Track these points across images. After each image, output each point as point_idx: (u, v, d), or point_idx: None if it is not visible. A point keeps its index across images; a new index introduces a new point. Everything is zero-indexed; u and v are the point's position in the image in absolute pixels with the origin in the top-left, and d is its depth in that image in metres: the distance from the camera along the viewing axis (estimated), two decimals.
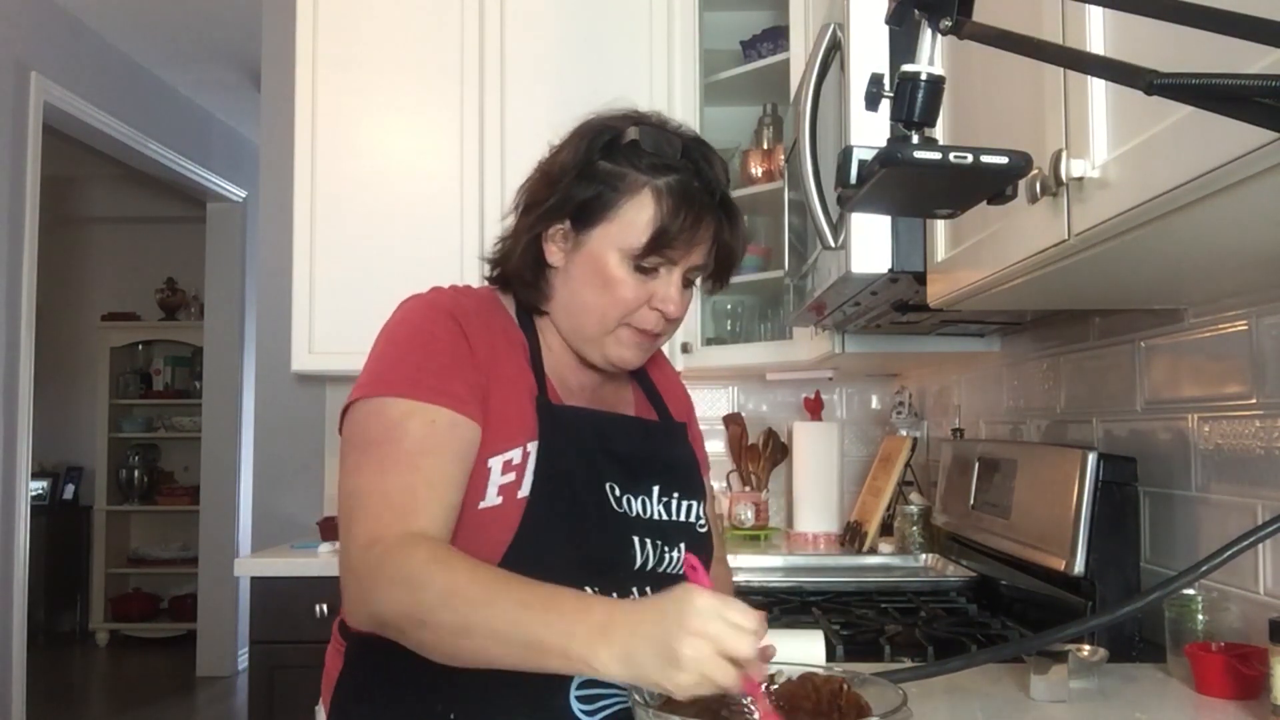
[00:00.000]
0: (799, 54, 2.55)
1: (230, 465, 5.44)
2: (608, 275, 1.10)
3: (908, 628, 1.67)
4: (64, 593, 6.15)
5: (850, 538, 2.73)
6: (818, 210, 1.51)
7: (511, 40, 2.92)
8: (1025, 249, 1.09)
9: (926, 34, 0.76)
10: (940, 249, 1.43)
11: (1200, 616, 1.29)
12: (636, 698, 0.87)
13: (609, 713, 1.09)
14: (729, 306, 3.06)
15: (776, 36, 2.89)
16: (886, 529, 2.64)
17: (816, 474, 2.88)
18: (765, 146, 2.92)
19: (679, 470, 1.22)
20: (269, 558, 2.66)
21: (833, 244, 1.51)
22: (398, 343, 1.09)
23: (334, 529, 2.78)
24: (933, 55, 0.76)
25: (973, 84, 1.29)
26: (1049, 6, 1.00)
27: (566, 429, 1.12)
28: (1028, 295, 1.38)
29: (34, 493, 4.17)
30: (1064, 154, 0.95)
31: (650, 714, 0.86)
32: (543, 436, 1.09)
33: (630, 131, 1.11)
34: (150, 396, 6.42)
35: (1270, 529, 0.91)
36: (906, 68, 0.76)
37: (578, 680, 1.07)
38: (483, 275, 1.23)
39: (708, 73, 2.97)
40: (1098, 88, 0.93)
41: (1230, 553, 0.91)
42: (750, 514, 2.94)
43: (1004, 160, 0.73)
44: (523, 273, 1.16)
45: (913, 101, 0.75)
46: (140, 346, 6.48)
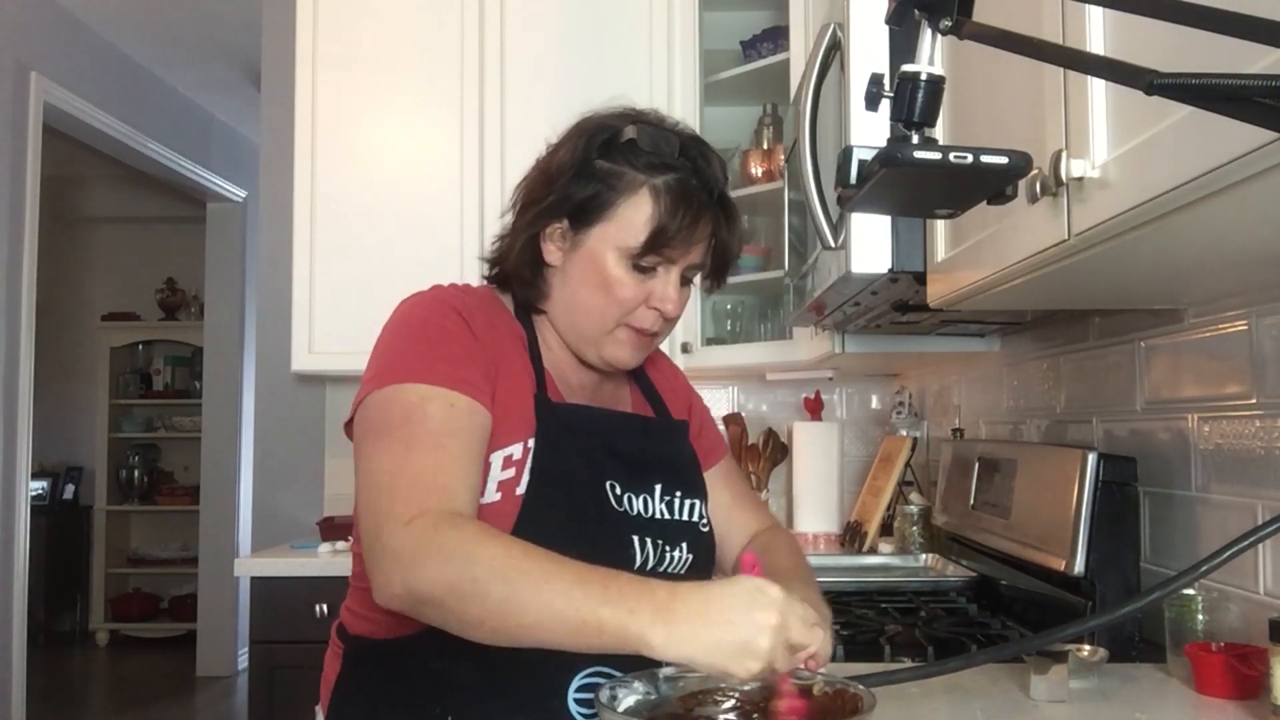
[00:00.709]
0: (799, 54, 2.55)
1: (230, 465, 5.44)
2: (606, 275, 1.09)
3: (908, 628, 1.67)
4: (64, 593, 6.14)
5: (850, 538, 2.73)
6: (818, 210, 1.51)
7: (511, 40, 2.92)
8: (1025, 249, 1.09)
9: (926, 34, 0.76)
10: (940, 249, 1.43)
11: (1200, 616, 1.29)
12: (600, 698, 0.88)
13: None
14: (729, 306, 3.06)
15: (776, 36, 2.89)
16: (886, 529, 2.64)
17: (816, 474, 2.87)
18: (765, 146, 2.92)
19: (681, 469, 1.22)
20: (269, 558, 2.66)
21: (833, 244, 1.51)
22: (405, 335, 1.08)
23: (334, 529, 2.79)
24: (933, 55, 0.76)
25: (973, 84, 1.29)
26: (1049, 6, 1.00)
27: (566, 426, 1.11)
28: (1028, 295, 1.38)
29: (34, 493, 4.17)
30: (1064, 154, 0.95)
31: (615, 717, 0.86)
32: (541, 433, 1.09)
33: (628, 130, 1.10)
34: (150, 396, 6.42)
35: (1270, 529, 0.91)
36: (906, 68, 0.76)
37: (576, 682, 1.06)
38: (482, 275, 1.23)
39: (708, 73, 2.97)
40: (1098, 88, 0.93)
41: (1230, 553, 0.90)
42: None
43: (1004, 160, 0.73)
44: (520, 271, 1.16)
45: (913, 101, 0.75)
46: (140, 346, 6.48)
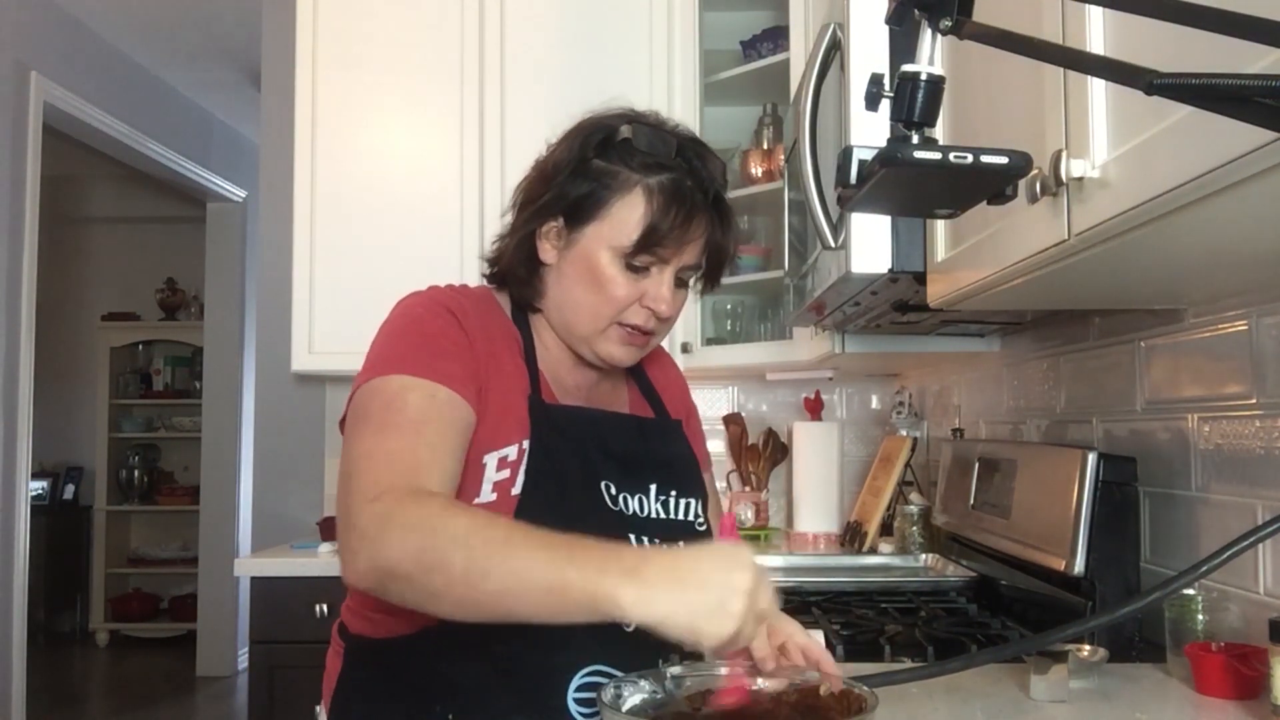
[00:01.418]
0: (799, 54, 2.55)
1: (230, 465, 5.44)
2: (599, 273, 1.10)
3: (908, 628, 1.67)
4: (64, 593, 6.14)
5: (850, 538, 2.73)
6: (818, 210, 1.51)
7: (511, 40, 2.92)
8: (1025, 249, 1.09)
9: (926, 34, 0.76)
10: (940, 249, 1.43)
11: (1200, 616, 1.29)
12: (603, 697, 0.87)
13: None
14: (729, 306, 3.06)
15: (776, 36, 2.89)
16: (886, 529, 2.64)
17: (816, 474, 2.87)
18: (765, 146, 2.92)
19: (677, 468, 1.22)
20: (269, 558, 2.66)
21: (833, 244, 1.51)
22: (396, 333, 1.10)
23: (334, 529, 2.79)
24: (933, 55, 0.76)
25: (973, 84, 1.29)
26: (1049, 6, 1.00)
27: (560, 427, 1.12)
28: (1028, 295, 1.38)
29: (34, 493, 4.17)
30: (1064, 154, 0.95)
31: (618, 716, 0.86)
32: (535, 434, 1.09)
33: (624, 130, 1.11)
34: (150, 396, 6.42)
35: (1270, 529, 0.91)
36: (906, 68, 0.76)
37: (576, 681, 1.06)
38: (481, 274, 1.24)
39: (708, 73, 2.97)
40: (1098, 88, 0.93)
41: (1230, 553, 0.90)
42: (750, 514, 2.94)
43: (1004, 160, 0.73)
44: (516, 270, 1.16)
45: (913, 101, 0.75)
46: (140, 346, 6.48)
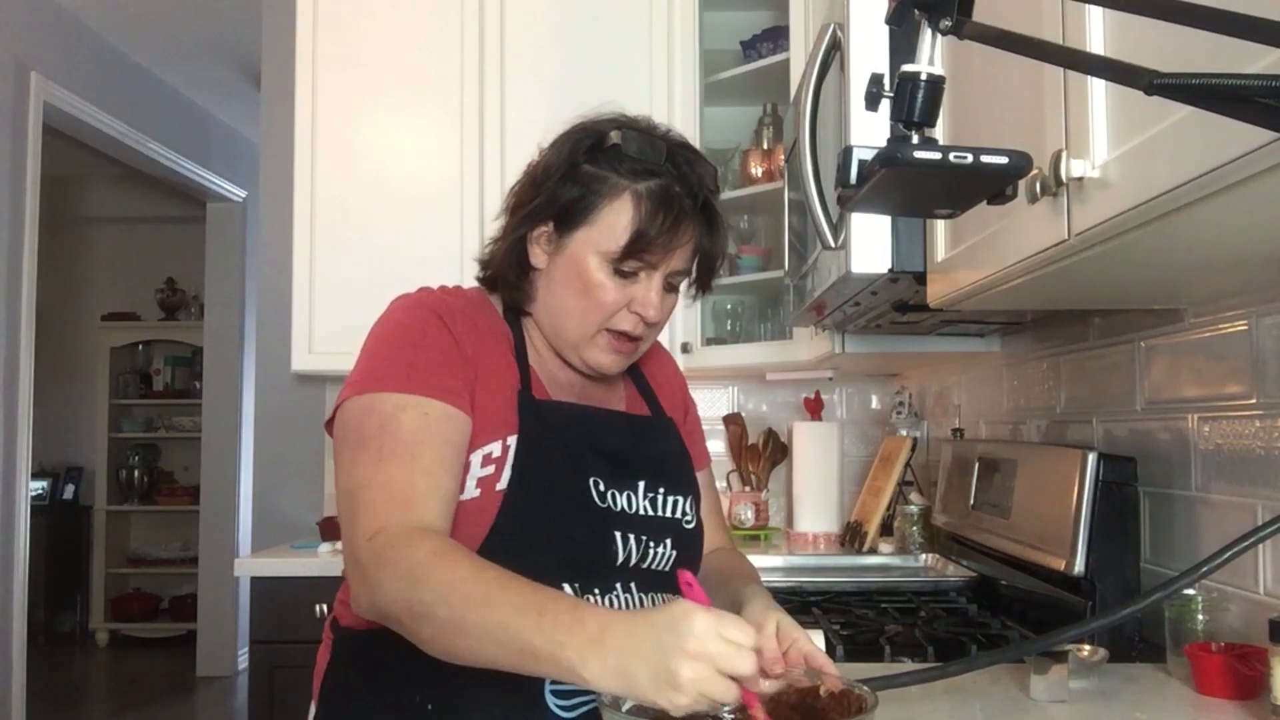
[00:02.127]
0: (799, 54, 2.55)
1: (230, 465, 5.44)
2: (587, 278, 1.10)
3: (908, 628, 1.67)
4: (64, 593, 6.14)
5: (850, 538, 2.73)
6: (818, 210, 1.51)
7: (511, 40, 2.92)
8: (1025, 249, 1.09)
9: (926, 34, 0.76)
10: (940, 249, 1.43)
11: (1200, 616, 1.29)
12: (604, 698, 0.87)
13: (586, 709, 1.09)
14: (729, 306, 3.06)
15: (776, 36, 2.89)
16: (886, 529, 2.64)
17: (816, 474, 2.87)
18: (765, 146, 2.92)
19: (666, 465, 1.22)
20: (269, 558, 2.66)
21: (833, 244, 1.51)
22: (386, 340, 1.10)
23: (334, 529, 2.79)
24: (933, 55, 0.76)
25: (973, 84, 1.29)
26: (1049, 6, 1.00)
27: (549, 423, 1.12)
28: (1028, 295, 1.38)
29: (34, 493, 4.17)
30: (1064, 154, 0.95)
31: (618, 716, 0.86)
32: (523, 430, 1.10)
33: (613, 135, 1.11)
34: (150, 396, 6.42)
35: (1270, 529, 0.91)
36: (906, 68, 0.76)
37: None
38: (475, 276, 1.24)
39: (708, 73, 2.97)
40: (1098, 88, 0.93)
41: (1230, 553, 0.90)
42: (750, 514, 2.94)
43: (1004, 160, 0.73)
44: (506, 274, 1.17)
45: (913, 101, 0.75)
46: (140, 346, 6.48)
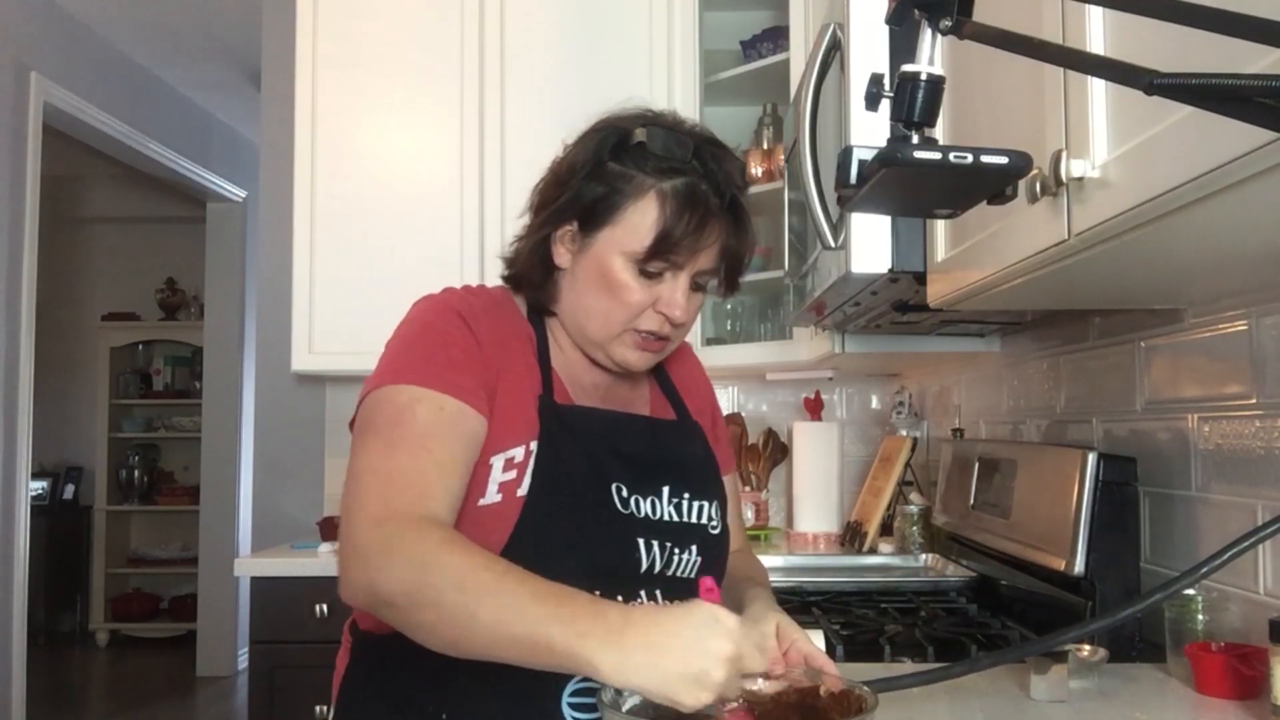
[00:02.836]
0: (799, 54, 2.55)
1: (230, 465, 5.44)
2: (612, 279, 1.09)
3: (908, 628, 1.67)
4: (64, 593, 6.14)
5: (850, 538, 2.73)
6: (818, 210, 1.51)
7: (511, 40, 2.92)
8: (1025, 249, 1.09)
9: (926, 34, 0.76)
10: (940, 249, 1.43)
11: (1200, 616, 1.29)
12: (604, 698, 0.87)
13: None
14: (729, 306, 3.06)
15: (776, 36, 2.89)
16: (886, 529, 2.64)
17: (816, 474, 2.87)
18: (765, 146, 2.92)
19: (691, 471, 1.20)
20: (269, 558, 2.66)
21: (833, 244, 1.51)
22: (408, 339, 1.10)
23: (334, 529, 2.78)
24: (933, 55, 0.76)
25: (973, 84, 1.29)
26: (1049, 6, 1.00)
27: (570, 428, 1.11)
28: (1028, 295, 1.38)
29: (34, 493, 4.17)
30: (1064, 154, 0.95)
31: (618, 716, 0.86)
32: (544, 435, 1.08)
33: (638, 133, 1.10)
34: (150, 396, 6.42)
35: (1270, 529, 0.91)
36: (906, 68, 0.76)
37: (572, 686, 1.06)
38: (499, 274, 1.23)
39: (708, 73, 2.97)
40: (1098, 88, 0.93)
41: (1230, 553, 0.90)
42: (750, 514, 2.94)
43: (1004, 160, 0.73)
44: (530, 274, 1.16)
45: (913, 101, 0.75)
46: (140, 346, 6.48)
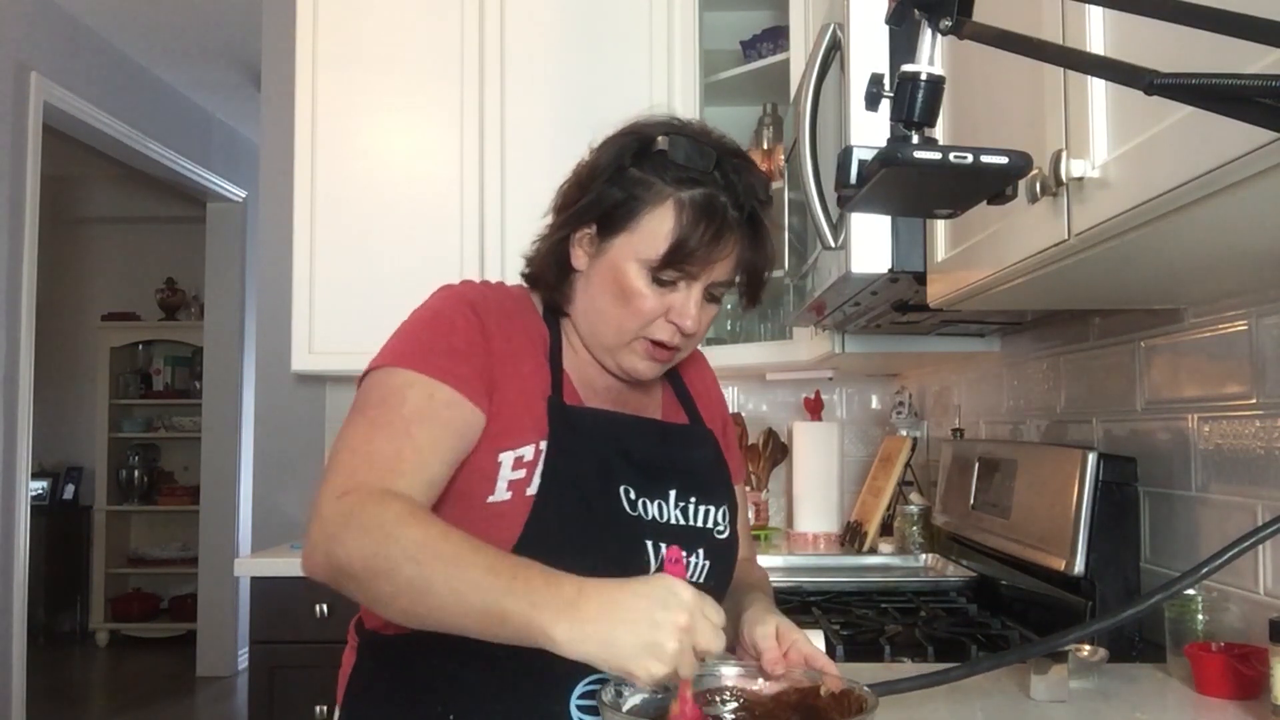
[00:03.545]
0: (799, 54, 2.55)
1: (230, 465, 5.44)
2: (626, 285, 1.09)
3: (908, 628, 1.67)
4: (64, 593, 6.14)
5: (850, 538, 2.73)
6: (818, 210, 1.51)
7: (511, 40, 2.92)
8: (1025, 249, 1.09)
9: (926, 34, 0.76)
10: (940, 249, 1.43)
11: (1200, 616, 1.29)
12: (604, 698, 0.87)
13: None
14: (729, 306, 3.04)
15: (776, 36, 2.89)
16: (886, 529, 2.64)
17: (816, 474, 2.87)
18: (765, 146, 2.92)
19: (699, 475, 1.20)
20: (269, 558, 2.66)
21: (833, 244, 1.51)
22: (415, 323, 1.10)
23: None
24: (933, 55, 0.76)
25: (973, 84, 1.29)
26: (1049, 6, 1.00)
27: (579, 430, 1.11)
28: (1028, 295, 1.38)
29: (34, 493, 4.17)
30: (1064, 154, 0.95)
31: (618, 716, 0.86)
32: (552, 437, 1.09)
33: (660, 141, 1.09)
34: (150, 396, 6.42)
35: (1270, 529, 0.91)
36: (906, 68, 0.76)
37: (580, 689, 1.06)
38: (520, 272, 1.23)
39: (708, 73, 2.97)
40: (1098, 88, 0.93)
41: (1231, 554, 0.91)
42: (750, 514, 2.94)
43: (1004, 160, 0.73)
44: (547, 274, 1.16)
45: (913, 101, 0.75)
46: (140, 346, 6.48)
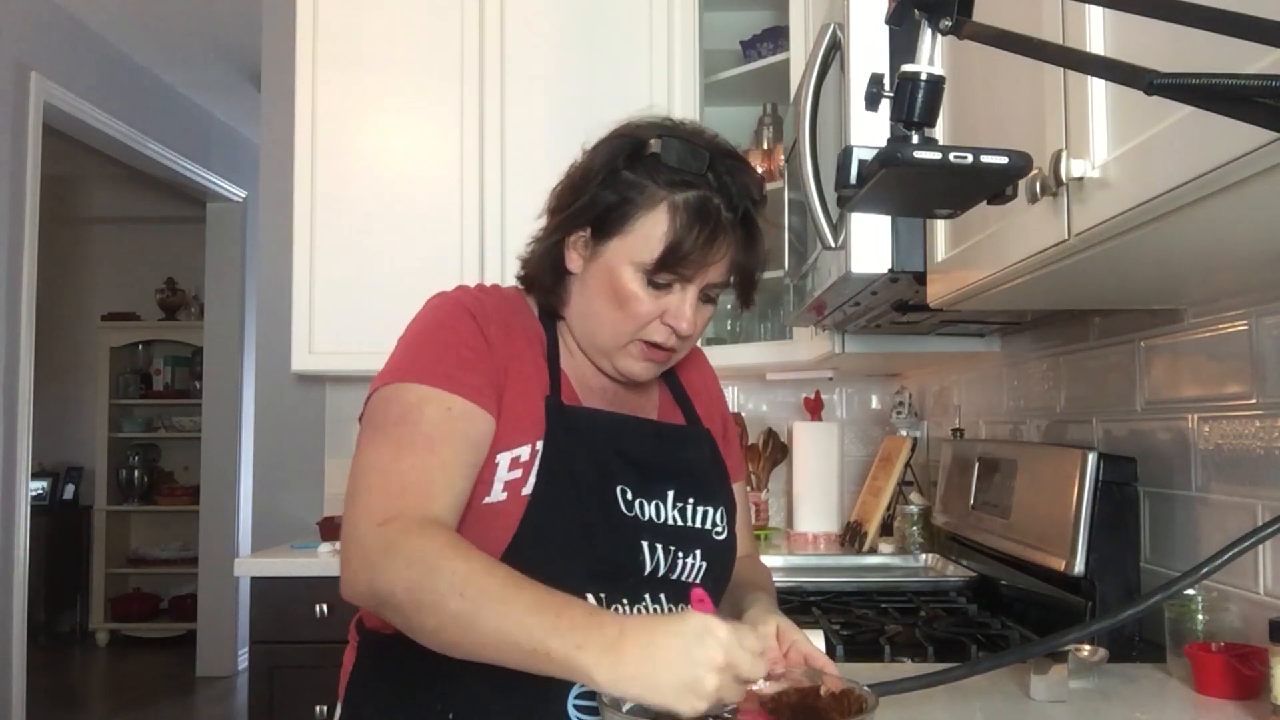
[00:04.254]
0: (799, 54, 2.55)
1: (230, 465, 5.44)
2: (621, 288, 1.09)
3: (908, 628, 1.67)
4: (64, 593, 6.14)
5: (850, 538, 2.73)
6: (818, 210, 1.51)
7: (511, 40, 2.92)
8: (1025, 249, 1.09)
9: (926, 34, 0.76)
10: (940, 249, 1.43)
11: (1200, 616, 1.29)
12: (604, 698, 0.87)
13: None
14: (729, 306, 3.05)
15: (776, 36, 2.89)
16: (886, 529, 2.64)
17: (816, 474, 2.87)
18: (765, 146, 2.92)
19: (696, 475, 1.20)
20: (269, 558, 2.66)
21: (833, 244, 1.51)
22: (418, 336, 1.10)
23: (334, 529, 2.79)
24: (933, 55, 0.76)
25: (973, 84, 1.29)
26: (1049, 6, 1.00)
27: (576, 430, 1.11)
28: (1028, 295, 1.38)
29: (34, 493, 4.17)
30: (1064, 154, 0.95)
31: (618, 716, 0.86)
32: (549, 436, 1.09)
33: (653, 143, 1.09)
34: (150, 396, 6.42)
35: (1270, 529, 0.91)
36: (906, 68, 0.76)
37: (577, 688, 1.06)
38: (515, 274, 1.23)
39: (708, 73, 2.97)
40: (1098, 88, 0.93)
41: (1230, 553, 0.91)
42: (750, 513, 2.94)
43: (1004, 160, 0.73)
44: (542, 277, 1.16)
45: (913, 101, 0.75)
46: (140, 346, 6.48)
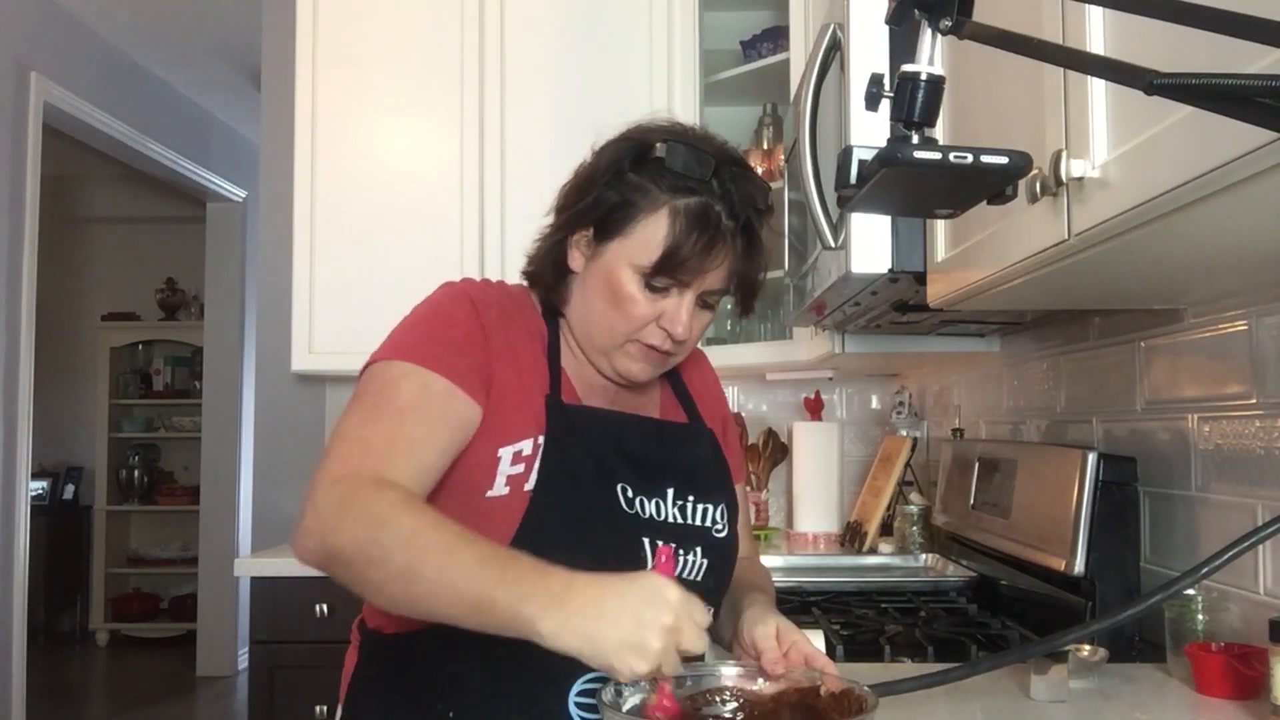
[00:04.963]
0: (799, 54, 2.55)
1: (230, 465, 5.44)
2: (619, 290, 1.10)
3: (908, 628, 1.67)
4: (64, 593, 6.14)
5: (850, 538, 2.73)
6: (818, 210, 1.51)
7: (511, 40, 2.92)
8: (1025, 249, 1.09)
9: (926, 34, 0.76)
10: (940, 249, 1.43)
11: (1200, 616, 1.29)
12: (604, 698, 0.88)
13: None
14: (729, 306, 3.05)
15: (776, 36, 2.89)
16: (886, 529, 2.64)
17: (816, 474, 2.87)
18: (765, 146, 2.92)
19: (697, 474, 1.20)
20: (269, 558, 2.65)
21: (833, 244, 1.51)
22: (414, 317, 1.12)
23: None
24: (933, 55, 0.76)
25: (973, 84, 1.29)
26: (1049, 6, 1.00)
27: (576, 427, 1.12)
28: (1028, 295, 1.38)
29: (34, 493, 4.17)
30: (1064, 154, 0.95)
31: (618, 716, 0.86)
32: (549, 434, 1.09)
33: (659, 147, 1.10)
34: (150, 396, 6.42)
35: (1270, 529, 0.91)
36: (906, 68, 0.76)
37: (578, 685, 1.06)
38: (521, 270, 1.23)
39: (708, 73, 2.97)
40: (1098, 88, 0.93)
41: (1230, 554, 0.91)
42: (750, 514, 2.94)
43: (1004, 160, 0.73)
44: (544, 274, 1.17)
45: (913, 101, 0.75)
46: (140, 346, 6.48)
